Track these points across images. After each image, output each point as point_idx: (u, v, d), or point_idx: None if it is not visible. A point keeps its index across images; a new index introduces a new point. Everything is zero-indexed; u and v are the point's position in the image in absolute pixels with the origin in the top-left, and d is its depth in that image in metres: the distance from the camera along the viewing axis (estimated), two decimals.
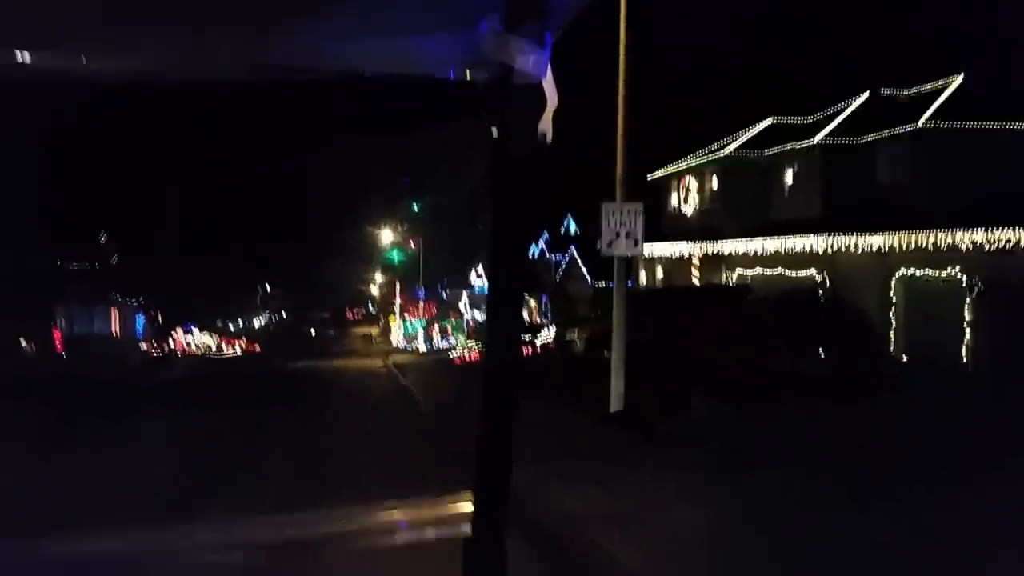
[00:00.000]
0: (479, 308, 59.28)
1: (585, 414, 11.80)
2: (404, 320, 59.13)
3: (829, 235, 21.21)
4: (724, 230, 26.30)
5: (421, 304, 52.92)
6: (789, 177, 25.75)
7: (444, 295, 67.59)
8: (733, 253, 25.64)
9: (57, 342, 32.01)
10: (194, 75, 1.39)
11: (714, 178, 28.23)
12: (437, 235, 54.72)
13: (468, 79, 1.32)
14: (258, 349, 56.43)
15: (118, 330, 41.72)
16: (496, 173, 1.20)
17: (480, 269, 61.93)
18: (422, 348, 47.66)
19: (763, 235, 24.02)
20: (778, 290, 22.16)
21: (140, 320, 70.91)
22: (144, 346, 62.70)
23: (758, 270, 24.87)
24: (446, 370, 24.93)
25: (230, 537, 1.53)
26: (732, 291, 22.96)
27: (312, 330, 79.08)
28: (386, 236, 51.88)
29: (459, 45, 1.24)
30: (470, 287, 63.25)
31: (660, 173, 31.26)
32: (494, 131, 1.20)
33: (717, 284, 25.98)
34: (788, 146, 25.38)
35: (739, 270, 26.01)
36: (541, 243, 50.30)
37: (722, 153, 27.57)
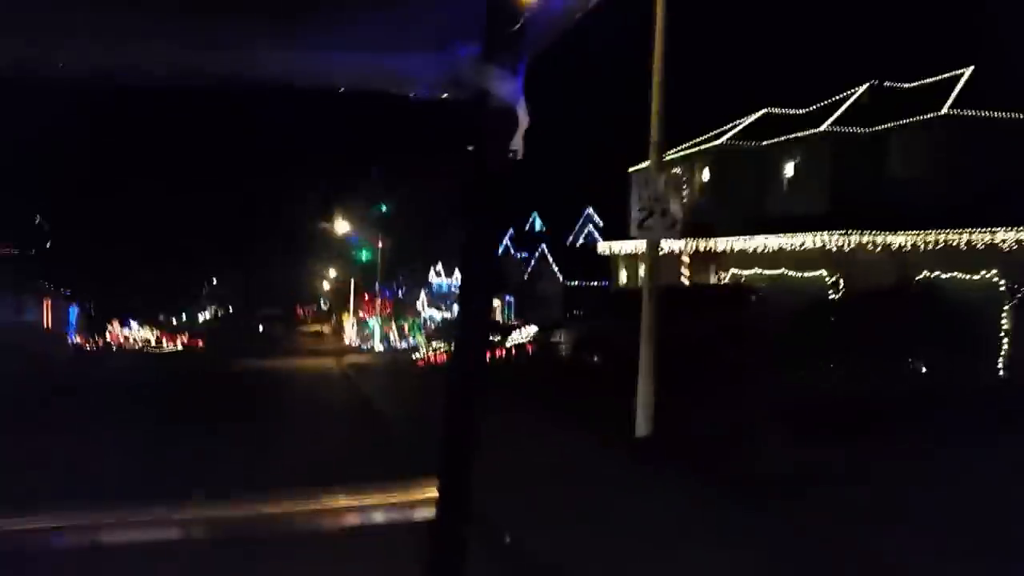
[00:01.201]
0: (437, 308, 56.31)
1: (605, 442, 9.17)
2: (359, 318, 56.00)
3: (844, 233, 19.01)
4: (716, 226, 24.03)
5: (379, 301, 49.78)
6: (789, 170, 23.63)
7: (400, 293, 64.57)
8: (728, 250, 23.36)
9: None
10: (160, 81, 1.33)
11: (705, 170, 25.98)
12: (398, 232, 51.57)
13: (443, 98, 1.34)
14: (200, 345, 52.79)
15: (49, 321, 39.82)
16: (471, 187, 1.24)
17: (440, 267, 59.00)
18: (378, 347, 44.68)
19: (764, 232, 21.76)
20: (785, 291, 19.99)
21: (74, 311, 66.74)
22: (77, 339, 58.89)
23: (756, 270, 22.63)
24: (410, 376, 22.14)
25: (185, 516, 1.55)
26: (736, 291, 20.60)
27: (260, 326, 75.42)
28: (341, 228, 48.62)
29: (436, 66, 1.29)
30: (428, 285, 60.26)
31: (644, 165, 28.91)
32: (469, 147, 1.25)
33: (721, 284, 23.66)
34: (791, 136, 23.25)
35: (733, 269, 23.75)
36: (506, 240, 47.54)
37: (716, 142, 25.34)
